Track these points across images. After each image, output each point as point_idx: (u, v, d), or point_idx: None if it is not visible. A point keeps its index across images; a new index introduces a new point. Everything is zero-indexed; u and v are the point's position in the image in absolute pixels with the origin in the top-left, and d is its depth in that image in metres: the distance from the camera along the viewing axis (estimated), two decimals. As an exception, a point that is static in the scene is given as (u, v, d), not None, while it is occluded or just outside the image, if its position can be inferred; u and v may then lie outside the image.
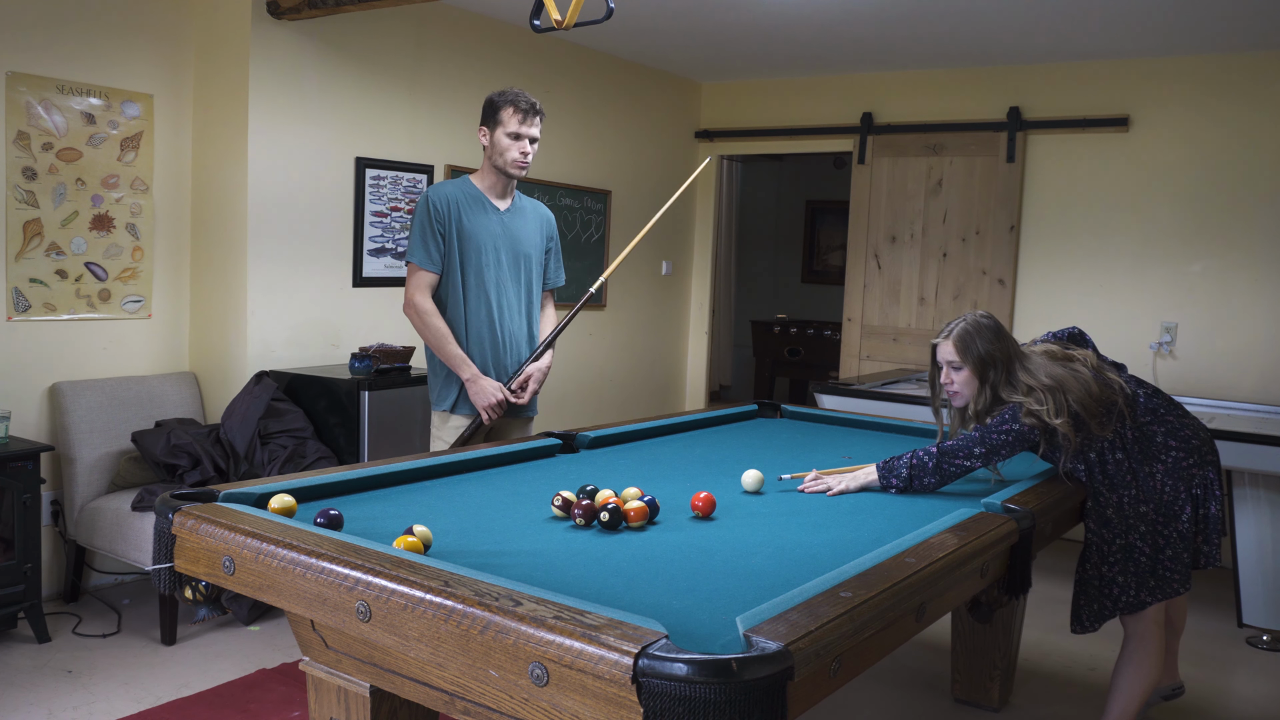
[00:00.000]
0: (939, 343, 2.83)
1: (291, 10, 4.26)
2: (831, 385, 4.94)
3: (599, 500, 2.26)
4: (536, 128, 3.30)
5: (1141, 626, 2.89)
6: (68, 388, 4.05)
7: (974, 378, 2.77)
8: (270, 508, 2.13)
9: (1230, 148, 5.32)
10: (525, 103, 3.26)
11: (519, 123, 3.25)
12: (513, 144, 3.28)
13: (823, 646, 1.52)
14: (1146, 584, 2.82)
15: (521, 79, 5.59)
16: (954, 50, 5.60)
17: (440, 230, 3.30)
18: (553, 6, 2.65)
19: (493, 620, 1.54)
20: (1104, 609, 2.86)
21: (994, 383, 2.75)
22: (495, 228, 3.37)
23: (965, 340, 2.76)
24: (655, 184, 6.70)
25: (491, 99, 3.31)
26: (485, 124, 3.32)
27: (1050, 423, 2.67)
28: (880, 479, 2.69)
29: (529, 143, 3.29)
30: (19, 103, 3.90)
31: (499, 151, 3.30)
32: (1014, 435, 2.68)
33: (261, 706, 3.21)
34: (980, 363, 2.75)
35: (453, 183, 3.41)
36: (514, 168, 3.31)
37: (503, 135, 3.27)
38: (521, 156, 3.29)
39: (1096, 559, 2.84)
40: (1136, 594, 2.82)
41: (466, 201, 3.35)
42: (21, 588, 3.61)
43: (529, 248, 3.44)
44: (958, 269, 6.10)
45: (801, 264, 9.63)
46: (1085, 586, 2.87)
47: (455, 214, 3.32)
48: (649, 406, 6.80)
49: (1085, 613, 2.88)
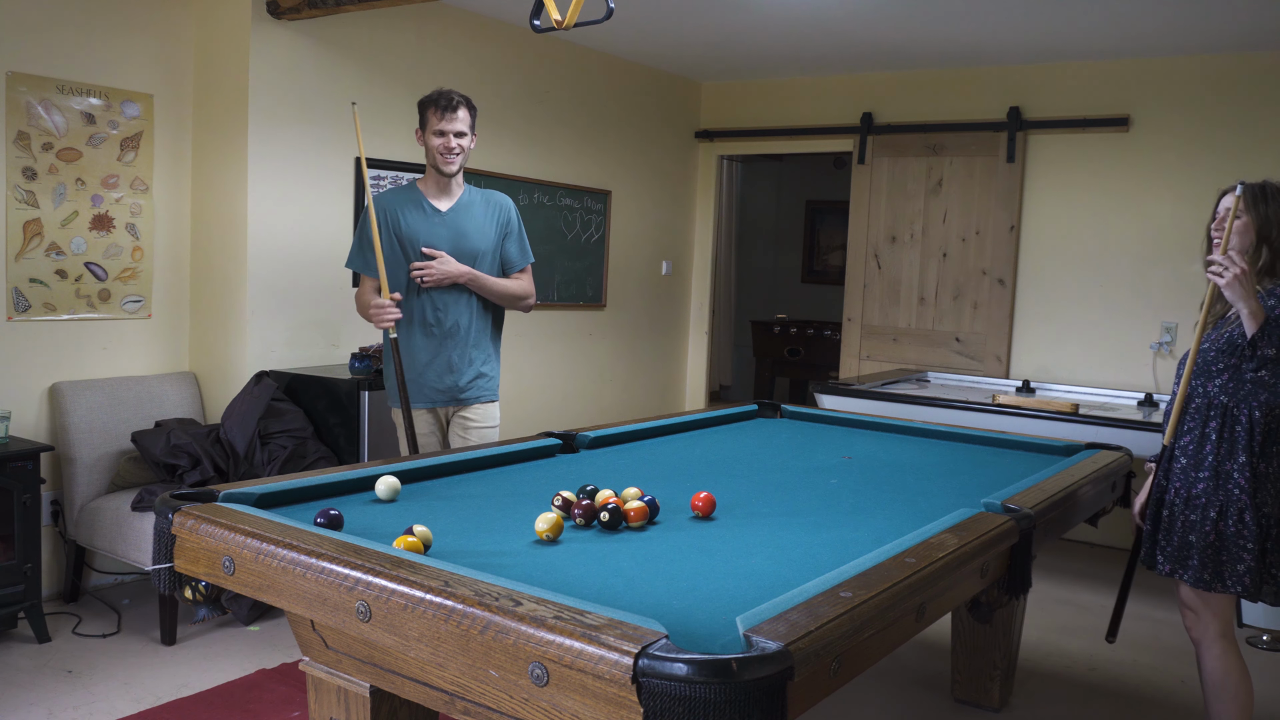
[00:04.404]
0: (1226, 193, 2.82)
1: (291, 10, 4.26)
2: (831, 385, 4.94)
3: (599, 500, 2.26)
4: (460, 122, 3.35)
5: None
6: (68, 388, 4.05)
7: (1251, 229, 2.73)
8: (404, 545, 1.92)
9: (1230, 148, 5.32)
10: (445, 99, 3.33)
11: (439, 119, 3.33)
12: (439, 140, 3.35)
13: (823, 646, 1.52)
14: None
15: (521, 79, 5.60)
16: (954, 50, 5.60)
17: (382, 236, 3.39)
18: (553, 6, 2.65)
19: (493, 620, 1.54)
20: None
21: (1276, 245, 2.71)
22: (437, 229, 3.42)
23: (1255, 194, 2.74)
24: (655, 184, 6.70)
25: (419, 102, 3.41)
26: (419, 127, 3.41)
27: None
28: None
29: (454, 137, 3.35)
30: (19, 103, 3.90)
31: (430, 150, 3.38)
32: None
33: (261, 706, 3.21)
34: (1265, 220, 2.72)
35: (396, 189, 3.52)
36: (443, 163, 3.37)
37: (430, 134, 3.36)
38: (447, 151, 3.35)
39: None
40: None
41: (406, 207, 3.43)
42: (21, 588, 3.61)
43: (477, 243, 3.46)
44: (958, 269, 6.09)
45: (801, 264, 9.63)
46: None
47: (393, 221, 3.41)
48: (649, 406, 6.80)
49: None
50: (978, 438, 3.57)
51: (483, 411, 3.53)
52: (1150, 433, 4.09)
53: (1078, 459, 3.19)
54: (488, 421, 3.54)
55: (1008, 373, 5.95)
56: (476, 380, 3.49)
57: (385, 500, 2.37)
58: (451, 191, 3.47)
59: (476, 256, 3.45)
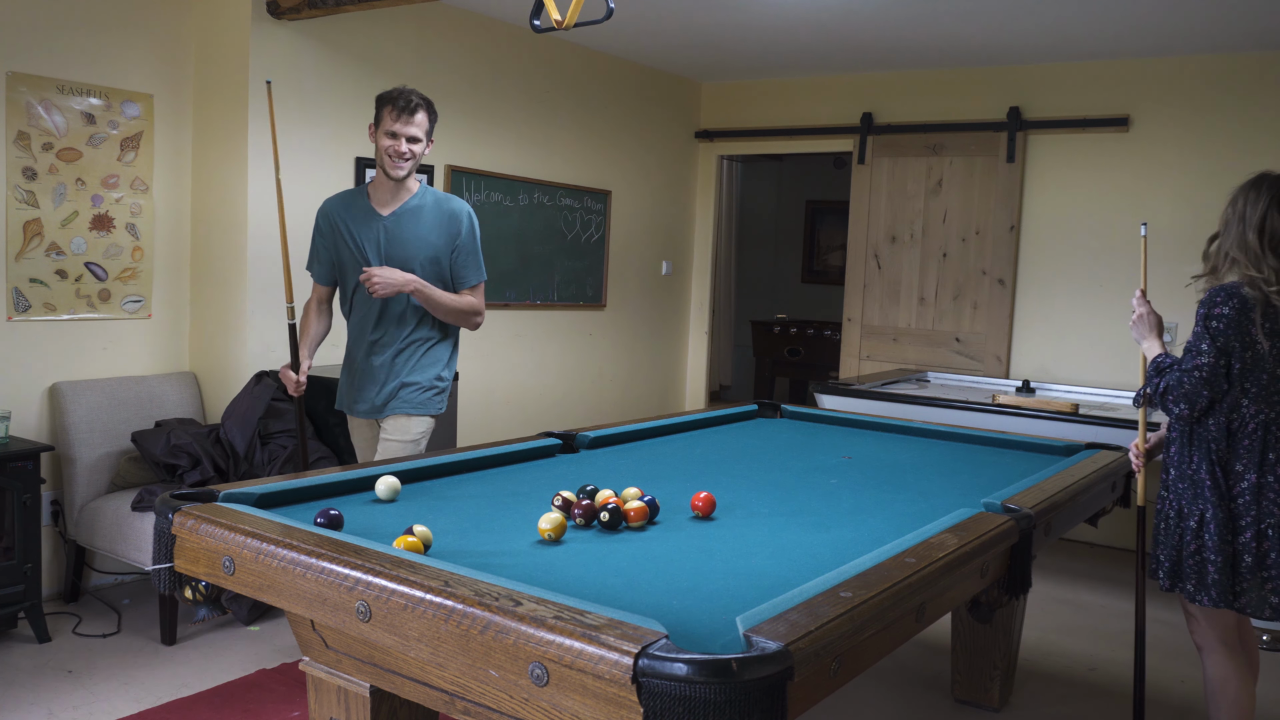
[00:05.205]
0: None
1: (291, 10, 4.26)
2: (831, 385, 4.94)
3: (599, 500, 2.27)
4: (416, 126, 3.16)
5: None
6: (68, 388, 4.05)
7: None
8: (404, 545, 1.94)
9: (1230, 148, 5.32)
10: (404, 100, 3.14)
11: (393, 120, 3.14)
12: (390, 142, 3.16)
13: (823, 646, 1.52)
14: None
15: (522, 79, 5.60)
16: (954, 50, 5.60)
17: (325, 243, 3.33)
18: (553, 6, 2.65)
19: (493, 620, 1.54)
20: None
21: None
22: (376, 235, 3.25)
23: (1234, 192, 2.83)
24: (655, 184, 6.71)
25: (378, 97, 3.22)
26: (374, 123, 3.22)
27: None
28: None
29: (406, 141, 3.16)
30: (19, 103, 3.90)
31: (379, 150, 3.19)
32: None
33: (261, 706, 3.21)
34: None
35: (344, 192, 3.39)
36: (390, 166, 3.18)
37: (383, 134, 3.17)
38: (397, 156, 3.16)
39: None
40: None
41: (349, 211, 3.29)
42: (21, 588, 3.61)
43: (417, 251, 3.24)
44: (958, 269, 6.09)
45: (801, 264, 9.63)
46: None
47: (337, 225, 3.30)
48: (649, 406, 6.80)
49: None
50: (978, 438, 3.57)
51: (397, 424, 3.30)
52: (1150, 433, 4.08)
53: (1078, 459, 3.19)
54: (399, 435, 3.29)
55: (1008, 373, 5.95)
56: (400, 391, 3.28)
57: (385, 500, 2.37)
58: (398, 195, 3.27)
59: (406, 264, 3.22)
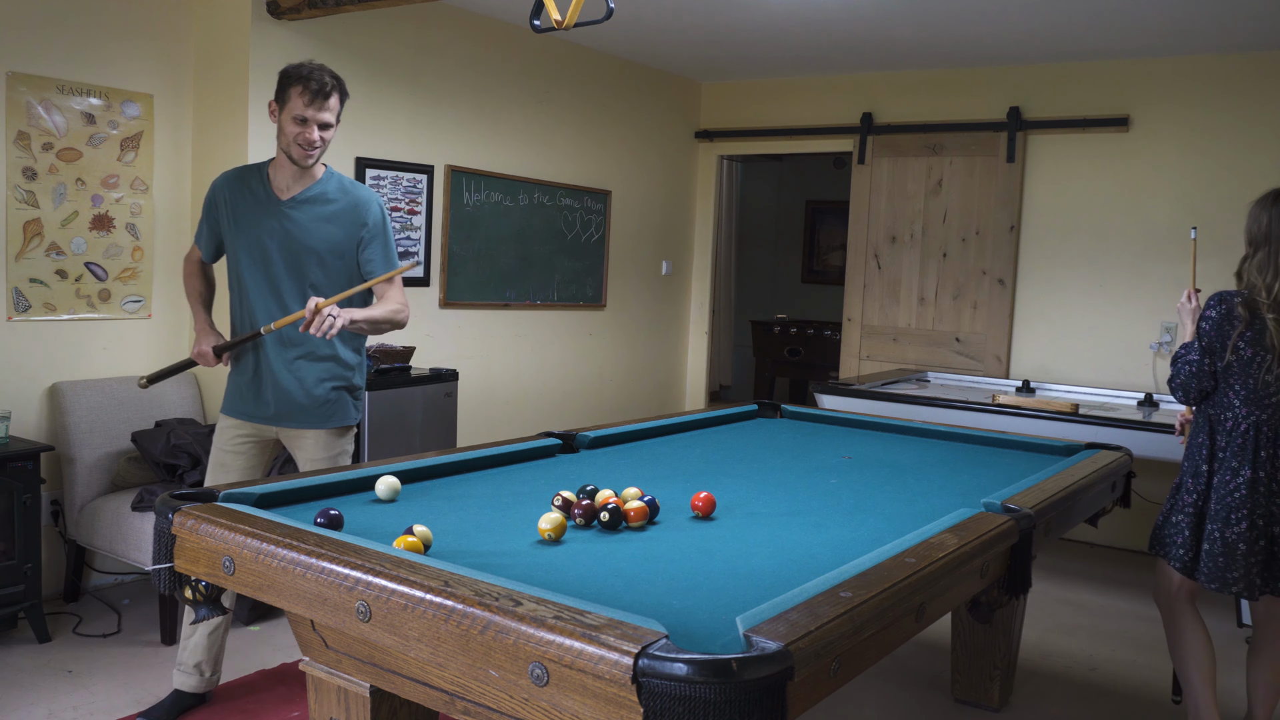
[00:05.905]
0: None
1: (291, 10, 4.26)
2: (831, 385, 4.94)
3: (599, 500, 2.26)
4: (329, 112, 2.85)
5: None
6: (68, 388, 4.05)
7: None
8: (404, 545, 1.93)
9: (1230, 148, 5.32)
10: (316, 83, 2.82)
11: (304, 104, 2.82)
12: (299, 128, 2.85)
13: (823, 646, 1.52)
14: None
15: (522, 79, 5.59)
16: (954, 50, 5.60)
17: (211, 223, 3.06)
18: (553, 6, 2.65)
19: (493, 620, 1.54)
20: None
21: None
22: (270, 223, 2.94)
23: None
24: (655, 184, 6.71)
25: (283, 72, 2.89)
26: (276, 99, 2.89)
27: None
28: None
29: (318, 128, 2.85)
30: (19, 103, 3.90)
31: (283, 133, 2.87)
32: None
33: (261, 706, 3.21)
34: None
35: (240, 169, 3.07)
36: (299, 156, 2.88)
37: (289, 118, 2.85)
38: (307, 144, 2.86)
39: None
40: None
41: (243, 192, 2.99)
42: (21, 588, 3.61)
43: (316, 243, 2.94)
44: (958, 269, 6.09)
45: (801, 264, 9.63)
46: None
47: (228, 205, 3.00)
48: (649, 406, 6.80)
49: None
50: (978, 438, 3.57)
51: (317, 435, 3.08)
52: (1150, 433, 4.09)
53: (1078, 459, 3.19)
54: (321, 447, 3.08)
55: (1008, 373, 5.95)
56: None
57: (385, 500, 2.37)
58: (301, 179, 2.96)
59: (315, 258, 2.95)
